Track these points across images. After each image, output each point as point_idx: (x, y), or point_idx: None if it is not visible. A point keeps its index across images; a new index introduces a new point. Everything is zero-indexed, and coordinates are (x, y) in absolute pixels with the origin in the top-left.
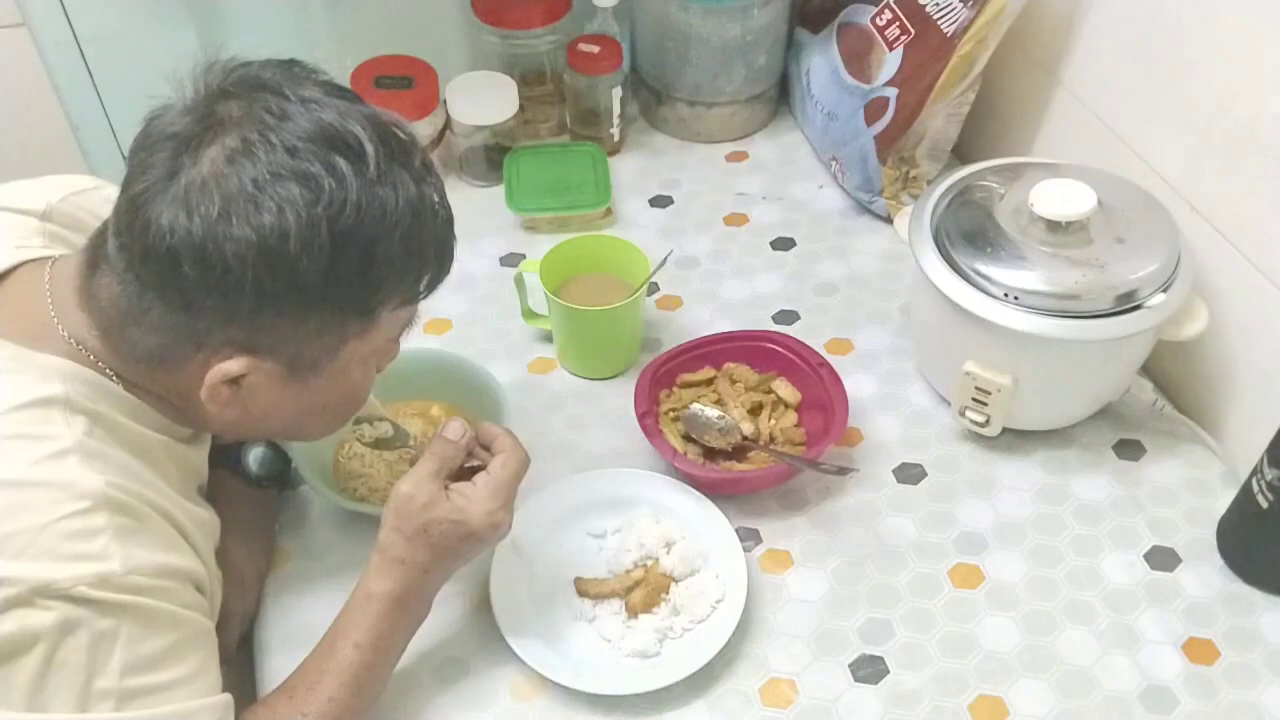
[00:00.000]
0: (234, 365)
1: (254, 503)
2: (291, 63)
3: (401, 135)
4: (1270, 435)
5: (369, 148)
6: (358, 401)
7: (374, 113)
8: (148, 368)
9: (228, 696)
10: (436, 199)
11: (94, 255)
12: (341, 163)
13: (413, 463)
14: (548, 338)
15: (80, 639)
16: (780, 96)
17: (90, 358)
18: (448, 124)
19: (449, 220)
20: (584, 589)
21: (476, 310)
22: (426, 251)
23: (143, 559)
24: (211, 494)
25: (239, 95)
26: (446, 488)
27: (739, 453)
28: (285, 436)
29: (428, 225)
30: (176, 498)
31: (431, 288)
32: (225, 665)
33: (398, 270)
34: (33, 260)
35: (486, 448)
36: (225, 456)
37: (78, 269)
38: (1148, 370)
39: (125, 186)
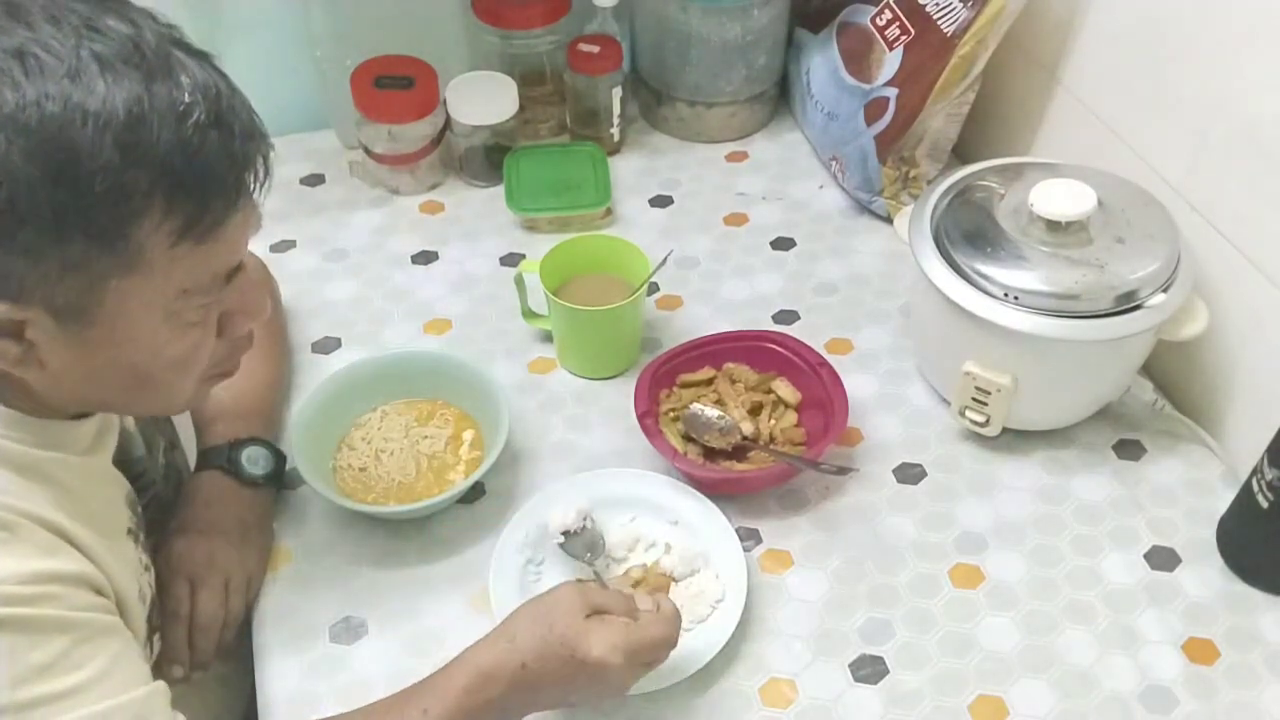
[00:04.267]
0: None
1: (248, 504)
2: None
3: (133, 31)
4: (1270, 435)
5: (67, 47)
6: (184, 363)
7: (104, 13)
8: None
9: (156, 685)
10: (186, 99)
11: None
12: (22, 66)
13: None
14: (548, 338)
15: None
16: (780, 96)
17: None
18: (448, 124)
19: (220, 124)
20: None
21: (476, 310)
22: (165, 160)
23: (13, 568)
24: (204, 496)
25: None
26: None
27: (739, 453)
28: (131, 403)
29: (159, 128)
30: (64, 514)
31: (205, 211)
32: (203, 670)
33: (123, 184)
34: None
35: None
36: (218, 457)
37: None
38: (1148, 370)
39: None
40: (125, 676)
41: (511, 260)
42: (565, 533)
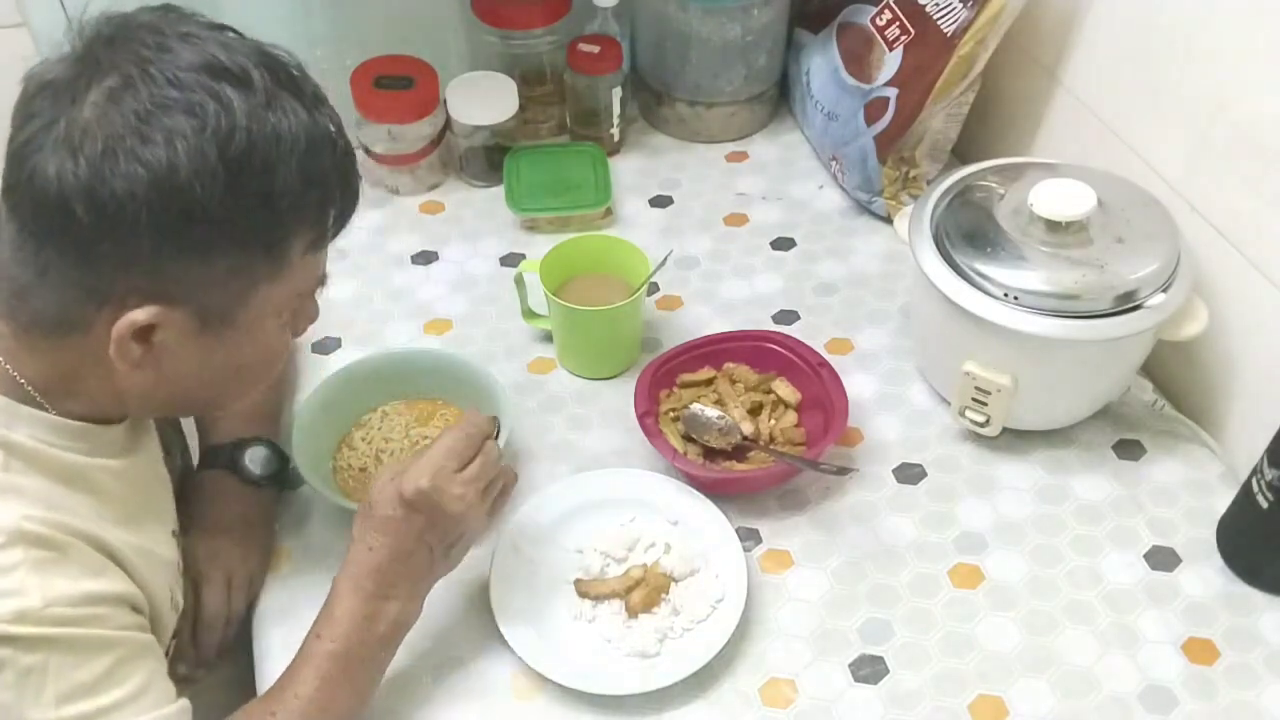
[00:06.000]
0: (141, 313)
1: (251, 503)
2: (168, 7)
3: (290, 67)
4: (1270, 435)
5: (255, 75)
6: (276, 362)
7: (260, 45)
8: (58, 345)
9: (182, 703)
10: (333, 129)
11: None
12: (228, 90)
13: None
14: (548, 338)
15: (7, 677)
16: (780, 96)
17: (8, 370)
18: (448, 124)
19: (348, 152)
20: (584, 589)
21: (476, 310)
22: (327, 181)
23: (63, 589)
24: (208, 494)
25: (116, 38)
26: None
27: (739, 453)
28: (205, 404)
29: (325, 153)
30: (109, 524)
31: (338, 225)
32: (207, 668)
33: (299, 201)
34: None
35: None
36: (223, 456)
37: None
38: (1148, 370)
39: (9, 142)
40: (157, 695)
41: (511, 260)
42: None
